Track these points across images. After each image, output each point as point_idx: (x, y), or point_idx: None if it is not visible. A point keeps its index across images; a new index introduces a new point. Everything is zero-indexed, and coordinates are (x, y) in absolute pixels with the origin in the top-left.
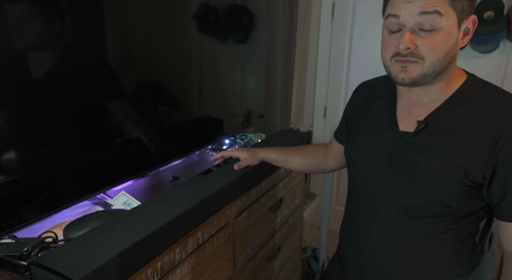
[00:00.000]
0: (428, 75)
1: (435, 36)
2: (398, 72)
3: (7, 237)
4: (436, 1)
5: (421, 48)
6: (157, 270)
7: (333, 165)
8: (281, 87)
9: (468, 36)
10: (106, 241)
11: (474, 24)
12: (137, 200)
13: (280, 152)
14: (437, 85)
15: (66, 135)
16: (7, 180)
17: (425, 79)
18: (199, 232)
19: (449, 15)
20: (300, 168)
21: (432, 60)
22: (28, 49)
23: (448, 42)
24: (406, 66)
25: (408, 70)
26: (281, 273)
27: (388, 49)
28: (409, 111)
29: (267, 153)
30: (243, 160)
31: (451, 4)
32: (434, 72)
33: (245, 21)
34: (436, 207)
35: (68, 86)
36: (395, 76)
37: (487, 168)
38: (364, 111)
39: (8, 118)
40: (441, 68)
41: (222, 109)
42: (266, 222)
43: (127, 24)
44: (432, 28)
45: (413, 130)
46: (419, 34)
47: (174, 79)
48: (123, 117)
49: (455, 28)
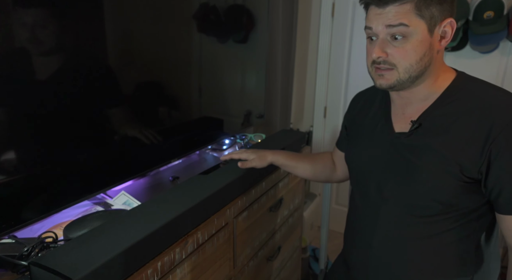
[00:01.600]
0: (405, 81)
1: (405, 44)
2: (376, 79)
3: (7, 237)
4: (401, 14)
5: (393, 56)
6: (157, 270)
7: (340, 174)
8: (281, 87)
9: (446, 39)
10: (106, 241)
11: (452, 26)
12: (137, 200)
13: (290, 156)
14: (421, 86)
15: (66, 135)
16: (7, 180)
17: (403, 85)
18: (199, 232)
19: (416, 25)
20: (307, 175)
21: (405, 66)
22: (32, 51)
23: (419, 49)
24: (382, 74)
25: (385, 77)
26: (281, 273)
27: (368, 56)
28: (403, 113)
29: (277, 156)
30: (250, 161)
31: (417, 14)
32: (410, 77)
33: (245, 21)
34: (436, 206)
35: (68, 87)
36: (375, 82)
37: (481, 162)
38: (361, 118)
39: (9, 118)
40: (417, 73)
41: (222, 109)
42: (266, 222)
43: (127, 25)
44: (401, 37)
45: (407, 131)
46: (391, 43)
47: (174, 79)
48: (123, 117)
49: (426, 35)
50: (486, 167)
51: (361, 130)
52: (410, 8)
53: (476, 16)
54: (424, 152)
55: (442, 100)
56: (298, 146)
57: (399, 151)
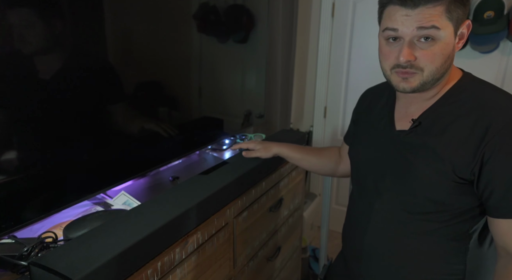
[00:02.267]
0: (428, 83)
1: (433, 47)
2: (399, 82)
3: (7, 237)
4: (433, 16)
5: (420, 60)
6: (157, 270)
7: (345, 168)
8: (281, 87)
9: (463, 40)
10: (106, 241)
11: (469, 28)
12: (137, 200)
13: (295, 149)
14: (435, 87)
15: (66, 135)
16: (7, 180)
17: (425, 87)
18: (199, 232)
19: (446, 27)
20: (313, 168)
21: (431, 69)
22: (34, 52)
23: (445, 51)
24: (407, 78)
25: (409, 81)
26: (281, 273)
27: (387, 60)
28: (406, 111)
29: (282, 148)
30: (255, 151)
31: (447, 16)
32: (433, 79)
33: (245, 21)
34: (429, 204)
35: (68, 87)
36: (395, 85)
37: (474, 164)
38: (367, 115)
39: (9, 118)
40: (440, 76)
41: (222, 109)
42: (266, 222)
43: (127, 25)
44: (430, 40)
45: (407, 129)
46: (418, 46)
47: (174, 79)
48: (123, 118)
49: (452, 38)
50: (479, 168)
51: (366, 126)
52: (442, 10)
53: (476, 16)
54: (419, 150)
55: (444, 100)
56: None
57: (397, 148)
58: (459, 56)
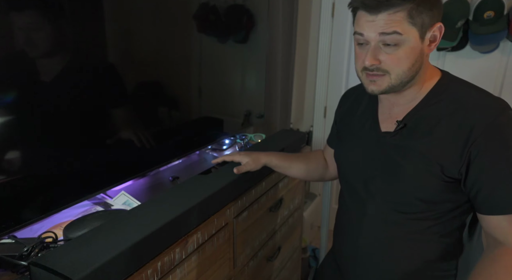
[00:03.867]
0: (396, 86)
1: (397, 52)
2: (368, 85)
3: (7, 237)
4: (394, 22)
5: (386, 63)
6: (157, 270)
7: (332, 172)
8: (281, 87)
9: (435, 43)
10: (106, 241)
11: (441, 31)
12: (137, 200)
13: (283, 157)
14: (411, 89)
15: (66, 135)
16: (7, 180)
17: (394, 89)
18: (199, 232)
19: (409, 32)
20: (301, 175)
21: (398, 73)
22: (32, 53)
23: (411, 55)
24: (374, 80)
25: (377, 84)
26: (281, 273)
27: (358, 62)
28: (389, 113)
29: (270, 158)
30: (244, 165)
31: (410, 22)
32: (401, 83)
33: (245, 21)
34: (419, 204)
35: (68, 88)
36: (366, 87)
37: (461, 163)
38: (350, 116)
39: (9, 118)
40: (408, 79)
41: (222, 109)
42: (266, 222)
43: (127, 25)
44: (394, 44)
45: (392, 130)
46: (383, 50)
47: (174, 79)
48: (123, 117)
49: (417, 42)
50: (466, 167)
51: (349, 128)
52: (403, 16)
53: (476, 16)
54: (407, 152)
55: (427, 101)
56: (298, 146)
57: (384, 149)
58: (459, 56)
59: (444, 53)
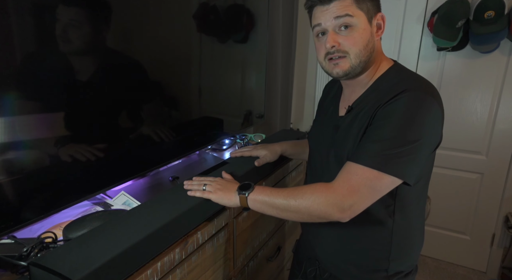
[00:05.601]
0: (357, 66)
1: (352, 33)
2: (332, 69)
3: (7, 237)
4: (345, 6)
5: (344, 44)
6: (157, 270)
7: None
8: (281, 87)
9: (381, 30)
10: (106, 241)
11: (383, 19)
12: (137, 200)
13: (295, 145)
14: (366, 73)
15: (66, 135)
16: (7, 180)
17: (355, 70)
18: (199, 232)
19: (358, 15)
20: None
21: (355, 52)
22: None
23: (364, 35)
24: (337, 62)
25: (340, 65)
26: (281, 273)
27: (320, 52)
28: (348, 99)
29: (285, 147)
30: (263, 157)
31: (357, 6)
32: (360, 62)
33: (245, 21)
34: None
35: (67, 88)
36: (331, 73)
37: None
38: (321, 103)
39: (8, 118)
40: (365, 58)
41: (222, 109)
42: (266, 222)
43: (127, 25)
44: (348, 26)
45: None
46: (340, 34)
47: (174, 79)
48: (123, 117)
49: (367, 24)
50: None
51: (318, 113)
52: (350, 2)
53: (477, 16)
54: (347, 136)
55: (372, 88)
56: None
57: (337, 133)
58: (459, 56)
59: (444, 53)
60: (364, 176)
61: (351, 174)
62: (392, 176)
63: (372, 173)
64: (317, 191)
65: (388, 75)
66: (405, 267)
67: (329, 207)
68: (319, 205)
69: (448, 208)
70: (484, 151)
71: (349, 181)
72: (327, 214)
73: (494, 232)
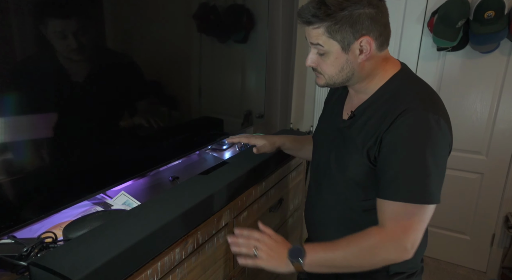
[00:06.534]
0: (332, 84)
1: (325, 58)
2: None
3: (7, 237)
4: (316, 35)
5: (319, 67)
6: (157, 270)
7: None
8: (281, 87)
9: (366, 53)
10: (106, 241)
11: (370, 43)
12: (137, 200)
13: (294, 140)
14: (357, 85)
15: (66, 135)
16: (7, 180)
17: (333, 86)
18: (199, 232)
19: (330, 45)
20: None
21: (329, 75)
22: (34, 52)
23: (336, 63)
24: (317, 76)
25: (318, 79)
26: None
27: None
28: (352, 102)
29: (283, 140)
30: (262, 146)
31: (329, 36)
32: (335, 83)
33: (245, 21)
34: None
35: (67, 88)
36: None
37: (376, 149)
38: (327, 102)
39: (8, 118)
40: (341, 81)
41: (222, 109)
42: (266, 222)
43: (127, 25)
44: (322, 53)
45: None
46: (318, 56)
47: (174, 79)
48: (123, 117)
49: (339, 53)
50: (378, 152)
51: (324, 113)
52: (322, 31)
53: (477, 16)
54: (347, 141)
55: (375, 97)
56: None
57: (340, 134)
58: (459, 56)
59: (444, 53)
60: (411, 212)
61: (398, 214)
62: (433, 204)
63: (416, 207)
64: (375, 243)
65: (392, 83)
66: (407, 268)
67: (393, 254)
68: (383, 257)
69: (448, 208)
70: (484, 151)
71: (399, 222)
72: (394, 260)
73: (494, 232)
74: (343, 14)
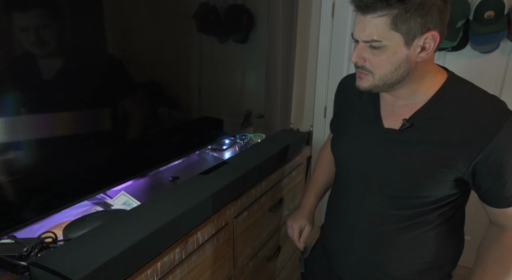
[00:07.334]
0: (380, 86)
1: (380, 54)
2: (356, 79)
3: (7, 237)
4: (377, 26)
5: (369, 63)
6: (157, 270)
7: None
8: (281, 87)
9: (428, 51)
10: (106, 241)
11: (435, 39)
12: (137, 200)
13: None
14: (404, 89)
15: (65, 135)
16: (7, 180)
17: (378, 89)
18: (199, 232)
19: (391, 38)
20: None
21: (380, 74)
22: (34, 52)
23: (393, 60)
24: (360, 77)
25: (362, 80)
26: (281, 273)
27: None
28: (392, 110)
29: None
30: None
31: (392, 28)
32: (385, 84)
33: (245, 21)
34: (420, 199)
35: (66, 87)
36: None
37: (468, 164)
38: (349, 106)
39: (8, 118)
40: (392, 81)
41: (222, 109)
42: (266, 222)
43: (127, 24)
44: (377, 46)
45: (398, 128)
46: (369, 49)
47: (174, 79)
48: (123, 117)
49: (401, 48)
50: (473, 167)
51: (349, 119)
52: (386, 21)
53: (477, 16)
54: (414, 150)
55: (434, 102)
56: (298, 145)
57: (387, 146)
58: (459, 56)
59: (444, 53)
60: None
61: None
62: None
63: None
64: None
65: (452, 87)
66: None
67: None
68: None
69: None
70: None
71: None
72: None
73: None
74: (415, 1)
